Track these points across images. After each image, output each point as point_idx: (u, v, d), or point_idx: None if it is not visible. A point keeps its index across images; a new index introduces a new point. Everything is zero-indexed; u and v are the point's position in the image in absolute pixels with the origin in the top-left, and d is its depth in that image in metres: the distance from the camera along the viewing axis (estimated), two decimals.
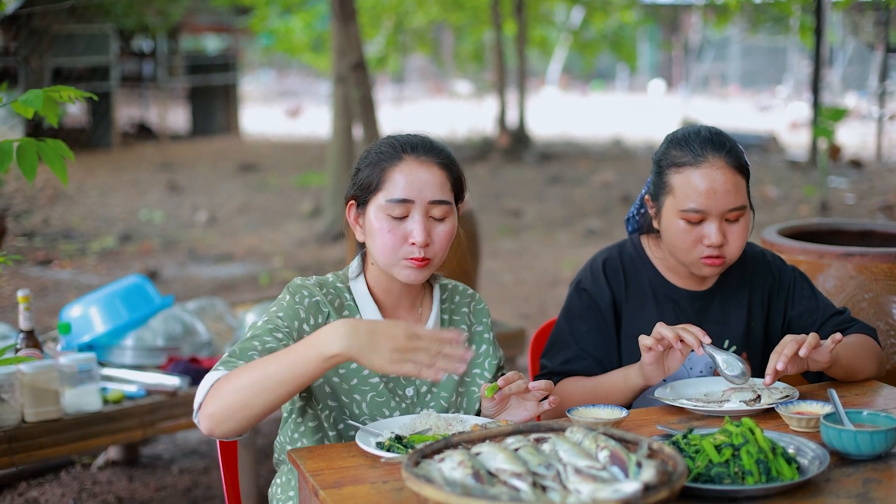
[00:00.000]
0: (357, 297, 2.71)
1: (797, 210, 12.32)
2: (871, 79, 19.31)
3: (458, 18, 24.18)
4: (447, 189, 2.65)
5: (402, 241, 2.60)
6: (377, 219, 2.61)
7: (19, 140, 2.96)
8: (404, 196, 2.59)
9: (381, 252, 2.62)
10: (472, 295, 2.90)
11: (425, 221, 2.60)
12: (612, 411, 2.58)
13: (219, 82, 22.50)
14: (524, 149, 18.81)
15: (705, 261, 2.88)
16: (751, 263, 3.10)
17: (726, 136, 2.92)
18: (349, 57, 10.26)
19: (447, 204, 2.64)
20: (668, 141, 2.97)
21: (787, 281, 3.10)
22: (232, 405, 2.36)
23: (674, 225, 2.90)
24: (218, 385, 2.40)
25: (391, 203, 2.59)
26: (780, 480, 2.12)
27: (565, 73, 36.35)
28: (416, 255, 2.59)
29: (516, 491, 1.93)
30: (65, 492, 5.02)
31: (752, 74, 32.16)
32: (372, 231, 2.63)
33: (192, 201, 13.97)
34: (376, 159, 2.65)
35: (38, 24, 16.87)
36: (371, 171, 2.65)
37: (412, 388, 2.71)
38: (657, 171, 2.96)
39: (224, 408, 2.36)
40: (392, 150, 2.65)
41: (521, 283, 9.46)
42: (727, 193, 2.84)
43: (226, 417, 2.37)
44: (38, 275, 9.56)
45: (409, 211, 2.60)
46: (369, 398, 2.66)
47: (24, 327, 3.81)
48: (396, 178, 2.61)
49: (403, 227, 2.60)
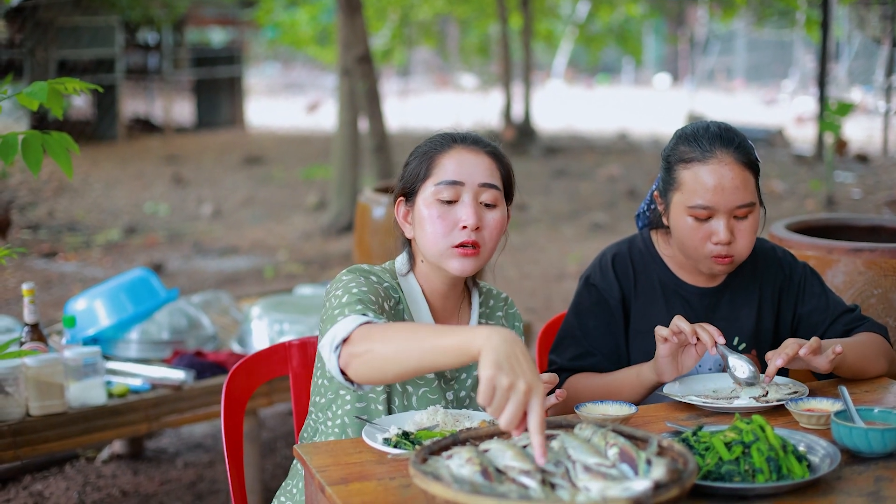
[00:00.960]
0: (408, 296, 2.69)
1: (803, 205, 12.30)
2: (877, 73, 19.26)
3: (463, 11, 24.14)
4: (497, 176, 2.65)
5: (453, 226, 2.58)
6: (427, 206, 2.60)
7: (24, 133, 2.95)
8: (455, 178, 2.59)
9: (432, 240, 2.59)
10: (505, 299, 2.89)
11: (476, 205, 2.59)
12: (620, 407, 2.56)
13: (224, 75, 22.51)
14: (529, 142, 18.79)
15: (714, 260, 2.86)
16: (761, 260, 3.07)
17: (735, 132, 2.89)
18: (355, 50, 10.25)
19: (497, 189, 2.63)
20: (676, 136, 2.95)
21: (797, 278, 3.07)
22: (381, 355, 2.23)
23: (682, 221, 2.88)
24: (368, 330, 2.29)
25: (441, 186, 2.59)
26: (790, 478, 2.10)
27: (571, 66, 36.33)
28: (466, 239, 2.56)
29: (525, 488, 1.91)
30: (69, 485, 5.01)
31: (757, 68, 32.11)
32: (422, 220, 2.61)
33: (197, 194, 13.96)
34: (425, 150, 2.67)
35: (43, 16, 16.87)
36: (420, 161, 2.66)
37: (451, 392, 2.70)
38: (666, 167, 2.94)
39: (372, 354, 2.24)
40: (441, 140, 2.67)
41: (527, 277, 9.44)
42: (735, 190, 2.82)
43: (369, 363, 2.25)
44: (42, 267, 9.55)
45: (459, 194, 2.59)
46: (421, 392, 2.64)
47: (28, 320, 3.80)
48: (446, 163, 2.61)
49: (454, 211, 2.59)
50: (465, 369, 2.73)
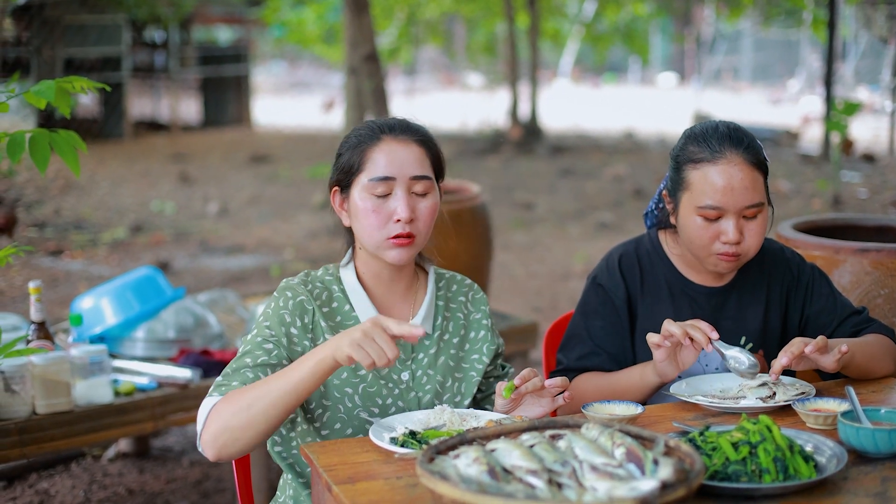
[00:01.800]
0: (347, 287, 2.74)
1: (809, 204, 12.29)
2: (884, 73, 19.24)
3: (470, 10, 24.15)
4: (427, 165, 2.69)
5: (387, 219, 2.63)
6: (361, 199, 2.65)
7: (32, 131, 2.95)
8: (386, 174, 2.63)
9: (368, 233, 2.65)
10: (469, 285, 2.93)
11: (408, 198, 2.64)
12: (627, 407, 2.56)
13: (231, 73, 22.53)
14: (536, 141, 18.80)
15: (721, 257, 2.86)
16: (769, 260, 3.07)
17: (744, 132, 2.89)
18: (362, 48, 10.25)
19: (428, 179, 2.68)
20: (685, 136, 2.95)
21: (805, 279, 3.07)
22: (235, 426, 2.42)
23: (691, 221, 2.88)
24: (217, 409, 2.45)
25: (373, 182, 2.63)
26: (797, 479, 2.10)
27: (577, 65, 36.33)
28: (401, 232, 2.62)
29: (532, 488, 1.91)
30: (75, 484, 5.02)
31: (764, 68, 32.09)
32: (357, 213, 2.67)
33: (203, 192, 13.98)
34: (355, 142, 2.70)
35: (50, 14, 16.91)
36: (351, 153, 2.69)
37: (408, 372, 2.72)
38: (675, 167, 2.93)
39: (227, 430, 2.42)
40: (370, 131, 2.70)
41: (533, 276, 9.44)
42: (745, 190, 2.81)
43: (230, 440, 2.43)
44: (48, 266, 9.57)
45: (391, 188, 2.64)
46: (361, 389, 2.67)
47: (35, 318, 3.81)
48: (377, 157, 2.65)
49: (387, 205, 2.64)
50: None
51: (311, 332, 2.65)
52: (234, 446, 2.43)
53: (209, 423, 2.45)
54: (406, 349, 2.73)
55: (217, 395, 2.50)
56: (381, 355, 2.31)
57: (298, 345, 2.63)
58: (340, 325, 2.69)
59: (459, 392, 2.78)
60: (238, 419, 2.41)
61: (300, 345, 2.63)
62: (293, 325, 2.64)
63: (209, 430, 2.44)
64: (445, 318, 2.81)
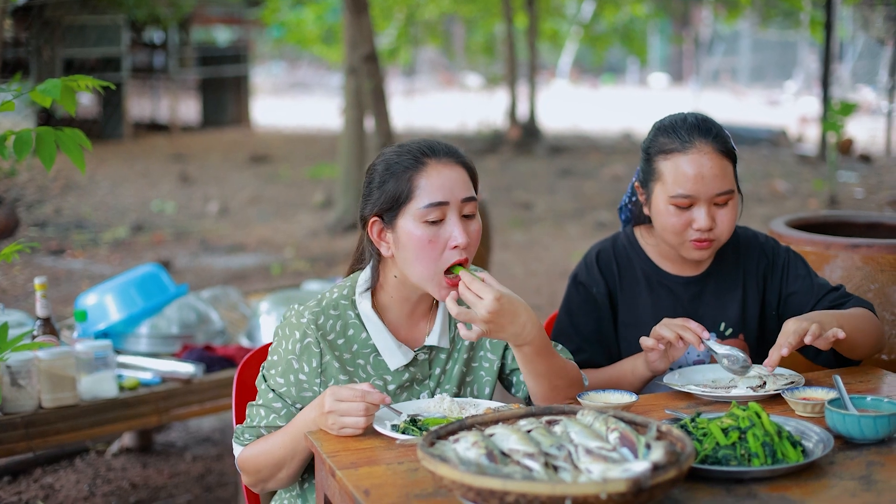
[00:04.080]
0: (363, 314, 2.69)
1: (806, 204, 12.34)
2: (881, 74, 19.29)
3: (469, 11, 24.18)
4: (471, 185, 2.63)
5: (443, 247, 2.57)
6: (415, 228, 2.56)
7: (38, 129, 2.99)
8: (441, 199, 2.56)
9: (423, 265, 2.58)
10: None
11: (462, 222, 2.59)
12: (621, 396, 2.63)
13: (230, 74, 22.57)
14: (535, 142, 18.84)
15: (694, 244, 2.95)
16: (744, 246, 3.16)
17: (713, 122, 2.98)
18: (361, 49, 10.30)
19: (475, 199, 2.63)
20: (655, 128, 3.03)
21: (781, 261, 3.14)
22: (262, 479, 2.68)
23: (663, 211, 2.96)
24: (242, 462, 2.70)
25: (428, 208, 2.55)
26: (785, 462, 2.17)
27: (576, 66, 36.37)
28: (459, 259, 2.57)
29: (529, 470, 1.98)
30: (79, 478, 5.08)
31: (762, 69, 32.13)
32: (409, 243, 2.57)
33: (203, 192, 14.03)
34: (394, 172, 2.59)
35: (49, 14, 16.93)
36: (395, 183, 2.58)
37: (426, 392, 2.73)
38: (646, 159, 3.02)
39: (258, 481, 2.70)
40: (412, 157, 2.60)
41: (532, 275, 9.50)
42: (715, 178, 2.90)
43: (263, 484, 2.70)
44: (50, 264, 9.62)
45: (445, 213, 2.57)
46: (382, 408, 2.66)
47: (40, 314, 3.85)
48: (426, 183, 2.56)
49: (442, 232, 2.57)
50: None
51: (320, 374, 2.64)
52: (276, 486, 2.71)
53: (244, 475, 2.72)
54: (423, 368, 2.72)
55: (239, 446, 2.72)
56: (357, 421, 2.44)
57: (309, 389, 2.65)
58: (357, 354, 2.67)
59: (472, 395, 2.79)
60: (264, 475, 2.67)
61: (310, 389, 2.64)
62: (301, 371, 2.64)
63: (247, 480, 2.73)
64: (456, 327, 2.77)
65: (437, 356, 2.75)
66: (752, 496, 2.07)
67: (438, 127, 21.64)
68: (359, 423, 2.42)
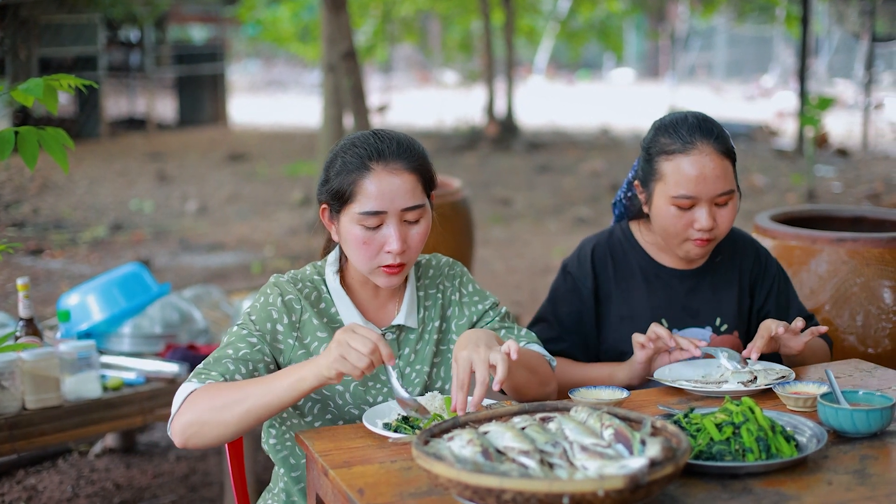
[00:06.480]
0: (332, 291, 2.72)
1: (784, 198, 12.38)
2: (856, 68, 19.38)
3: (445, 7, 24.20)
4: (419, 192, 2.62)
5: (378, 249, 2.59)
6: (352, 229, 2.59)
7: (20, 128, 2.97)
8: (377, 208, 2.56)
9: (358, 260, 2.62)
10: (445, 263, 2.89)
11: (400, 228, 2.58)
12: (613, 392, 2.63)
13: (206, 72, 22.50)
14: (512, 138, 18.86)
15: (695, 243, 2.97)
16: (740, 246, 3.19)
17: (713, 122, 2.99)
18: (340, 46, 10.26)
19: (420, 207, 2.61)
20: (655, 128, 3.03)
21: (772, 273, 3.21)
22: (208, 421, 2.44)
23: (664, 210, 2.96)
24: (193, 398, 2.46)
25: (364, 215, 2.56)
26: (779, 457, 2.16)
27: (552, 62, 36.40)
28: (392, 262, 2.59)
29: (525, 468, 1.97)
30: (63, 479, 5.05)
31: (738, 64, 32.24)
32: (347, 240, 2.62)
33: (181, 191, 13.98)
34: (344, 169, 2.60)
35: (25, 13, 16.84)
36: (341, 181, 2.60)
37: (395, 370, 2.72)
38: (646, 158, 3.02)
39: (198, 423, 2.44)
40: (359, 160, 2.59)
41: (513, 271, 9.50)
42: (716, 179, 2.91)
43: (200, 433, 2.45)
44: (29, 265, 9.55)
45: (382, 221, 2.58)
46: (352, 388, 2.68)
47: (23, 315, 3.82)
48: (367, 189, 2.57)
49: (378, 235, 2.58)
50: None
51: (297, 329, 2.65)
52: (201, 439, 2.46)
53: (183, 411, 2.46)
54: (391, 348, 2.68)
55: (196, 382, 2.50)
56: (360, 357, 2.33)
57: (282, 342, 2.64)
58: (328, 326, 2.69)
59: (439, 377, 2.79)
60: (211, 416, 2.43)
61: (284, 342, 2.64)
62: (279, 321, 2.64)
63: (182, 417, 2.45)
64: (426, 308, 2.79)
65: (406, 336, 2.76)
66: (747, 491, 2.07)
67: (416, 124, 21.62)
68: (362, 359, 2.33)
